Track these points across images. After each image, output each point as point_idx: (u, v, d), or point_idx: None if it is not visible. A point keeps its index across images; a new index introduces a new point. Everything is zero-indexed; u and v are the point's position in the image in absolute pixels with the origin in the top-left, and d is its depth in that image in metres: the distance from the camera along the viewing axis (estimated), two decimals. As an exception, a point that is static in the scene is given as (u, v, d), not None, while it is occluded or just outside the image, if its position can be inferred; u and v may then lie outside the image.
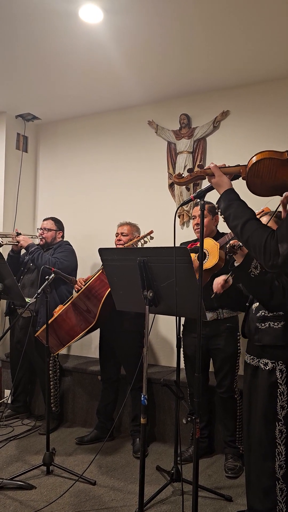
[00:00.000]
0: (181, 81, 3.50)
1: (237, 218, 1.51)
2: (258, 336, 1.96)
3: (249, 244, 1.48)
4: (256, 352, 1.99)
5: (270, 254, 1.42)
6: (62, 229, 3.71)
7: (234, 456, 2.79)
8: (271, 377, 1.88)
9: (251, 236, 1.46)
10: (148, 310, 1.93)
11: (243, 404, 2.10)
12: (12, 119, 4.27)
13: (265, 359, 1.92)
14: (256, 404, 1.95)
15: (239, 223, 1.49)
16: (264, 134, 3.46)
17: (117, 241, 3.20)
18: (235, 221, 1.51)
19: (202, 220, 1.72)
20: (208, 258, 2.62)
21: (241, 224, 1.49)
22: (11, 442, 3.20)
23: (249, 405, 2.01)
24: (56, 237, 3.64)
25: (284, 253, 1.39)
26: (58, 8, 2.55)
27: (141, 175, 3.99)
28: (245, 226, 1.48)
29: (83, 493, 2.51)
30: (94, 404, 3.44)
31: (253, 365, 2.00)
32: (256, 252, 1.47)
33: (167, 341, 3.77)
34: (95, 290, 2.87)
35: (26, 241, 3.45)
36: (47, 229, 3.59)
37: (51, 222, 3.65)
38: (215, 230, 2.90)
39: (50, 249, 3.57)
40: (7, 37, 2.88)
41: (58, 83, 3.57)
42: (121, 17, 2.64)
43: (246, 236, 1.48)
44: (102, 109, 4.14)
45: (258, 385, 1.95)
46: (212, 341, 2.79)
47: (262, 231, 1.45)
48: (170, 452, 2.99)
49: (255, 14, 2.59)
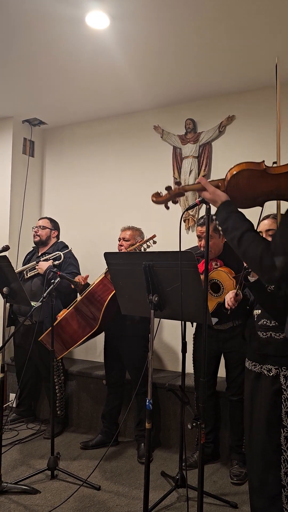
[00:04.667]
0: (187, 86, 3.52)
1: (234, 230, 1.48)
2: (260, 345, 1.95)
3: (246, 257, 1.46)
4: (258, 359, 1.97)
5: (266, 268, 1.39)
6: (58, 229, 3.72)
7: (240, 462, 2.77)
8: (275, 383, 1.86)
9: (246, 249, 1.44)
10: (153, 314, 1.93)
11: (245, 411, 2.07)
12: (19, 124, 4.31)
13: (268, 365, 1.90)
14: (259, 411, 1.93)
15: (236, 235, 1.47)
16: (270, 139, 3.45)
17: (119, 247, 3.20)
18: (232, 233, 1.49)
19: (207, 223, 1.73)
20: (223, 292, 2.65)
21: (238, 237, 1.46)
22: (15, 446, 3.20)
23: (251, 412, 1.98)
24: (51, 236, 3.65)
25: (281, 266, 1.36)
26: (65, 15, 2.58)
27: (147, 179, 4.00)
28: (242, 239, 1.45)
29: (88, 498, 2.50)
30: (99, 408, 3.43)
31: (255, 371, 1.98)
32: (252, 266, 1.45)
33: (172, 346, 3.76)
34: (98, 294, 2.88)
35: (42, 268, 3.38)
36: (42, 227, 3.62)
37: (47, 221, 3.68)
38: (223, 248, 2.89)
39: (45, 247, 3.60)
40: (14, 43, 2.91)
41: (65, 88, 3.60)
42: (128, 23, 2.66)
43: (242, 249, 1.46)
44: (108, 114, 4.17)
45: (261, 391, 1.93)
46: (227, 344, 2.81)
47: (258, 244, 1.42)
48: (175, 457, 2.98)
49: (261, 20, 2.59)
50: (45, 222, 3.66)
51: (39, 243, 3.63)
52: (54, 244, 3.62)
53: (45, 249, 3.62)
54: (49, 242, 3.64)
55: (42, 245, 3.64)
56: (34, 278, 3.50)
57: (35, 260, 3.55)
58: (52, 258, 3.44)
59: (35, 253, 3.71)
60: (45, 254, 3.54)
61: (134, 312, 2.32)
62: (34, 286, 3.46)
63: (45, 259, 3.46)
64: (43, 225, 3.63)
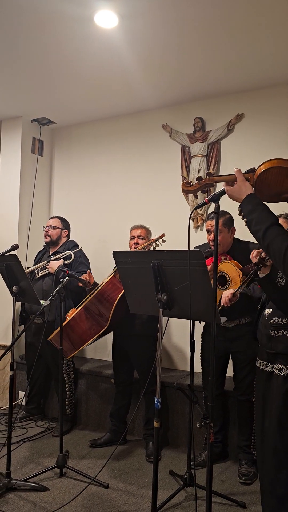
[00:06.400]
0: (196, 84, 3.50)
1: (259, 223, 1.50)
2: (271, 344, 1.93)
3: (270, 250, 1.48)
4: (269, 358, 1.96)
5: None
6: (68, 228, 3.72)
7: (249, 462, 2.76)
8: (287, 382, 1.85)
9: (271, 242, 1.47)
10: (162, 313, 1.93)
11: (256, 410, 2.05)
12: (28, 124, 4.33)
13: (280, 365, 1.89)
14: (270, 411, 1.91)
15: (262, 228, 1.49)
16: (279, 137, 3.43)
17: (133, 244, 3.20)
18: (257, 226, 1.51)
19: (216, 221, 1.72)
20: (230, 285, 2.66)
21: (263, 230, 1.49)
22: (24, 444, 3.22)
23: (262, 412, 1.97)
24: (61, 236, 3.65)
25: None
26: (73, 14, 2.58)
27: (155, 178, 3.99)
28: (267, 232, 1.48)
29: (96, 496, 2.51)
30: (108, 407, 3.44)
31: (266, 371, 1.97)
32: (275, 259, 1.48)
33: (181, 345, 3.76)
34: (108, 294, 2.88)
35: (53, 267, 3.38)
36: (53, 227, 3.62)
37: (57, 220, 3.68)
38: (231, 242, 2.88)
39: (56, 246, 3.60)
40: (22, 43, 2.92)
41: (73, 87, 3.60)
42: (136, 22, 2.65)
43: (267, 242, 1.48)
44: (116, 113, 4.17)
45: (272, 391, 1.91)
46: (234, 344, 2.80)
47: (283, 238, 1.45)
48: (183, 456, 2.97)
49: (271, 16, 2.57)
50: (55, 221, 3.66)
51: (50, 243, 3.63)
52: (65, 243, 3.63)
53: (56, 248, 3.62)
54: (59, 242, 3.64)
55: (53, 245, 3.64)
56: (45, 277, 3.51)
57: (46, 259, 3.57)
58: (63, 257, 3.45)
59: (46, 251, 3.72)
60: (56, 253, 3.55)
61: (143, 311, 2.32)
62: (46, 285, 3.48)
63: (56, 259, 3.47)
64: (53, 225, 3.63)
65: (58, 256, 3.49)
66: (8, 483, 2.55)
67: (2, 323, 4.16)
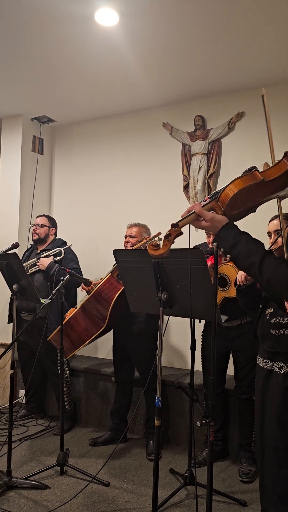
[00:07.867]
0: (196, 83, 3.50)
1: (250, 256, 1.31)
2: (272, 343, 1.93)
3: (272, 283, 1.31)
4: (270, 356, 1.96)
5: None
6: (55, 226, 3.74)
7: (249, 460, 2.76)
8: (286, 380, 1.85)
9: (273, 275, 1.29)
10: (162, 311, 1.93)
11: (255, 408, 2.06)
12: (28, 122, 4.32)
13: (280, 362, 1.89)
14: (270, 409, 1.92)
15: (255, 262, 1.30)
16: (280, 136, 3.41)
17: (125, 243, 3.20)
18: (248, 260, 1.31)
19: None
20: (230, 287, 2.65)
21: (257, 264, 1.30)
22: (25, 442, 3.23)
23: (262, 409, 1.97)
24: (49, 234, 3.68)
25: None
26: (74, 12, 2.58)
27: (156, 177, 3.99)
28: (263, 265, 1.29)
29: (97, 494, 2.51)
30: (108, 405, 3.44)
31: (266, 369, 1.97)
32: (282, 291, 1.31)
33: (181, 343, 3.76)
34: (105, 293, 2.88)
35: (44, 264, 3.42)
36: (41, 225, 3.64)
37: (45, 218, 3.70)
38: None
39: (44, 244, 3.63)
40: (23, 41, 2.92)
41: (74, 85, 3.60)
42: (137, 20, 2.65)
43: (266, 276, 1.30)
44: (117, 112, 4.16)
45: (272, 389, 1.92)
46: (235, 342, 2.80)
47: (284, 267, 1.29)
48: (183, 455, 2.98)
49: (271, 15, 2.56)
50: (43, 220, 3.68)
51: (38, 241, 3.66)
52: (53, 241, 3.65)
53: (44, 246, 3.64)
54: (47, 240, 3.66)
55: (40, 243, 3.66)
56: (35, 274, 3.53)
57: (35, 257, 3.58)
58: (53, 254, 3.47)
59: (34, 250, 3.74)
60: (45, 251, 3.56)
61: (143, 310, 2.32)
62: (37, 282, 3.49)
63: (46, 255, 3.49)
64: (41, 223, 3.66)
65: (48, 253, 3.51)
66: (9, 481, 2.55)
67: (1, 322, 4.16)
